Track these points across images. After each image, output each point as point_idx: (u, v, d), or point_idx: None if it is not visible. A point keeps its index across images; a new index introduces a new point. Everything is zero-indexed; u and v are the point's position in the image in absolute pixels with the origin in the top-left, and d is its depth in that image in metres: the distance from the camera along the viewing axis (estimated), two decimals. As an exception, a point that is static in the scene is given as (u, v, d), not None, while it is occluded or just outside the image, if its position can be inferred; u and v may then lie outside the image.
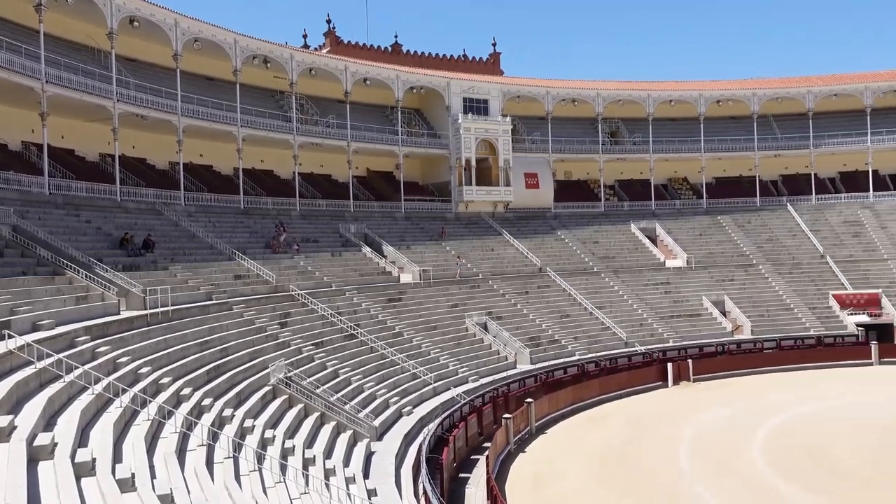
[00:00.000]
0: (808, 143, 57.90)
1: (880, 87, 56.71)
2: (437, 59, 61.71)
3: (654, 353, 41.29)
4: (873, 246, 53.22)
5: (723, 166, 59.75)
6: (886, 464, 24.45)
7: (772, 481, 22.94)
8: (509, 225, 51.53)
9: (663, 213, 56.62)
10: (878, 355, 43.09)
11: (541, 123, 55.39)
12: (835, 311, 47.83)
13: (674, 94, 57.96)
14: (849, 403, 33.33)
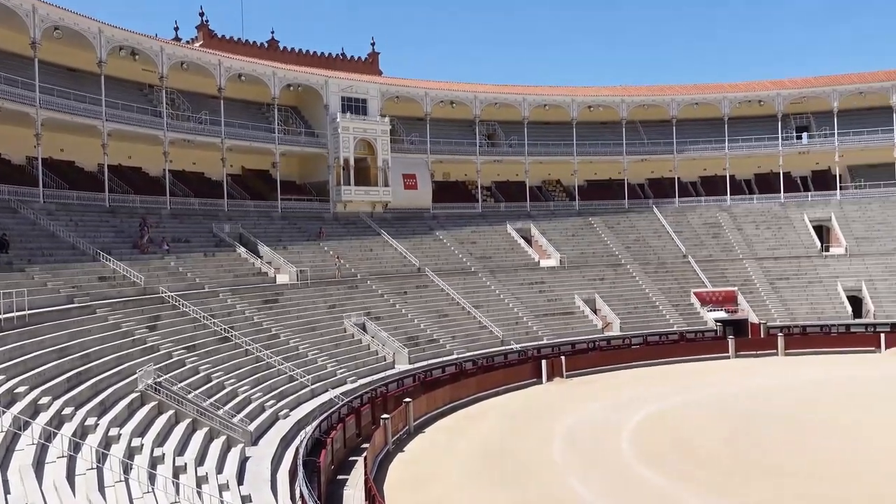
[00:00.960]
0: (672, 149, 60.98)
1: (737, 98, 60.43)
2: (315, 57, 60.90)
3: (530, 350, 42.39)
4: (730, 246, 56.67)
5: (594, 169, 62.02)
6: (743, 451, 26.07)
7: (638, 471, 24.00)
8: (388, 225, 51.53)
9: (538, 215, 58.17)
10: (735, 349, 45.94)
11: (419, 124, 55.72)
12: (696, 308, 50.59)
13: (548, 99, 59.66)
14: (709, 395, 35.35)
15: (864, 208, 57.77)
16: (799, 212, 58.73)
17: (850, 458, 24.78)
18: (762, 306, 50.82)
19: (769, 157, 61.09)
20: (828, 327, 48.83)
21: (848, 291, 51.38)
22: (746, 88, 61.57)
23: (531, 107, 58.39)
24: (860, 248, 54.83)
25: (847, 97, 58.56)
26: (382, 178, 51.83)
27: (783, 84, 61.09)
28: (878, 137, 58.43)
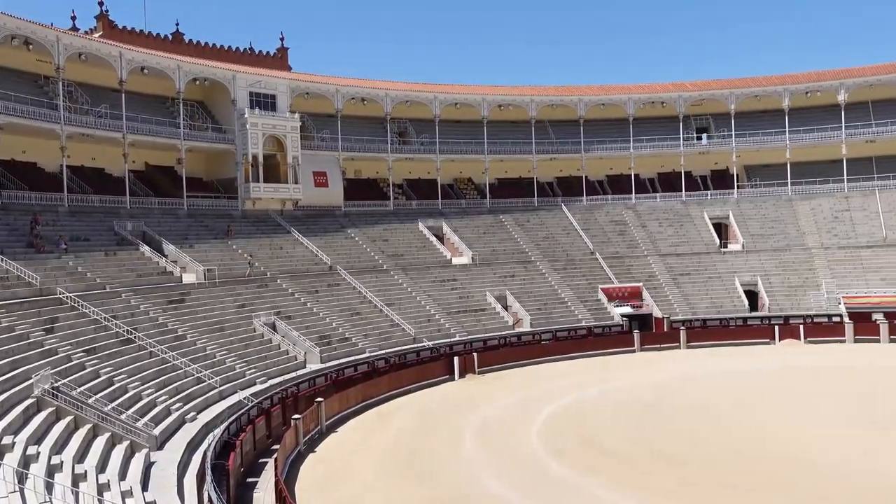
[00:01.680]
0: (580, 148, 62.41)
1: (641, 99, 62.33)
2: (222, 51, 59.51)
3: (442, 347, 42.62)
4: (635, 243, 58.43)
5: (504, 168, 62.86)
6: (647, 442, 26.92)
7: (548, 464, 24.47)
8: (299, 223, 50.84)
9: (450, 212, 58.53)
10: (640, 343, 47.43)
11: (330, 121, 55.20)
12: (603, 304, 51.93)
13: (459, 98, 60.09)
14: (616, 388, 36.37)
15: (760, 206, 60.54)
16: (699, 210, 61.06)
17: (746, 445, 25.92)
18: (665, 301, 52.61)
19: (671, 156, 63.28)
20: (726, 320, 50.99)
21: (745, 286, 53.77)
22: (650, 90, 63.60)
23: (442, 105, 58.68)
24: (756, 244, 57.46)
25: (743, 100, 61.24)
26: (292, 176, 51.09)
27: (684, 86, 63.37)
28: (771, 139, 61.34)
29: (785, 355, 44.18)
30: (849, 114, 59.14)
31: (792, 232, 57.97)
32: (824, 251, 55.58)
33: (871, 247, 54.87)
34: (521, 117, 61.81)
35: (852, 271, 53.48)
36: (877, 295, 50.70)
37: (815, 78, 61.15)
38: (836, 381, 36.27)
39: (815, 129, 60.56)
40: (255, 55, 62.42)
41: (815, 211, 58.91)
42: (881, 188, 58.28)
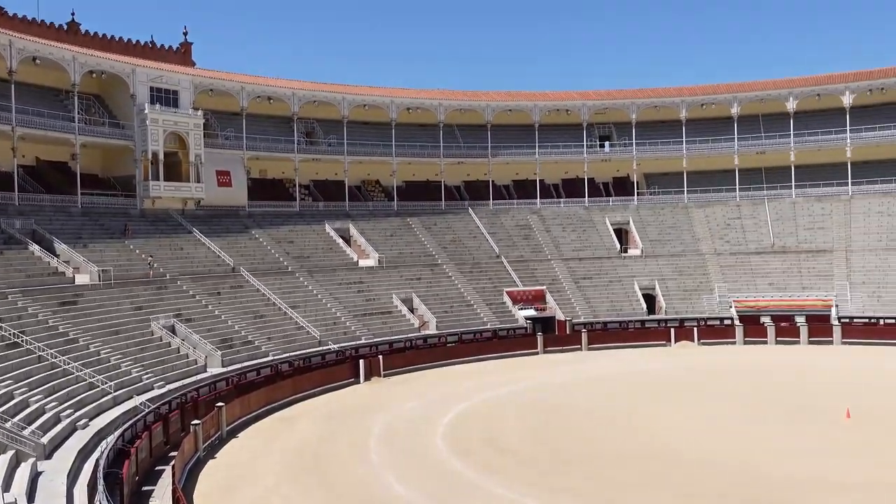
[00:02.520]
0: (487, 153, 63.20)
1: (546, 106, 63.65)
2: (122, 44, 57.38)
3: (348, 350, 42.33)
4: (540, 247, 59.59)
5: (412, 171, 62.99)
6: (548, 441, 27.51)
7: (452, 465, 24.66)
8: (201, 223, 49.49)
9: (357, 214, 58.20)
10: (543, 345, 48.40)
11: (235, 119, 54.05)
12: (508, 307, 52.72)
13: (367, 99, 59.87)
14: (519, 389, 36.98)
15: (658, 213, 62.76)
16: (601, 215, 62.80)
17: (641, 444, 26.82)
18: (568, 304, 53.84)
19: (575, 163, 64.84)
20: (625, 323, 52.64)
21: (643, 290, 55.62)
22: (555, 98, 65.01)
23: (351, 106, 58.35)
24: (654, 249, 59.53)
25: (644, 110, 63.39)
26: (195, 174, 49.71)
27: (588, 95, 65.06)
28: (670, 148, 63.69)
29: (680, 356, 45.95)
30: (741, 126, 62.04)
31: (687, 238, 60.35)
32: (717, 257, 58.11)
33: (759, 253, 57.72)
34: (430, 121, 62.09)
35: (742, 276, 56.11)
36: (765, 299, 53.37)
37: (711, 91, 63.88)
38: (726, 381, 37.95)
39: (710, 139, 63.26)
40: (157, 49, 60.46)
41: (709, 218, 61.51)
42: (770, 197, 61.36)
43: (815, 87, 60.59)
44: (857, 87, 58.90)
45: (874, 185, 59.02)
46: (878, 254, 54.58)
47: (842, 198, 59.50)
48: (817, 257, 56.05)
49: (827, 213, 59.03)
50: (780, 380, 37.96)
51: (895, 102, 58.17)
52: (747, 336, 50.20)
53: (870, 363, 41.66)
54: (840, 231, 57.34)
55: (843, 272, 54.10)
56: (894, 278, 52.32)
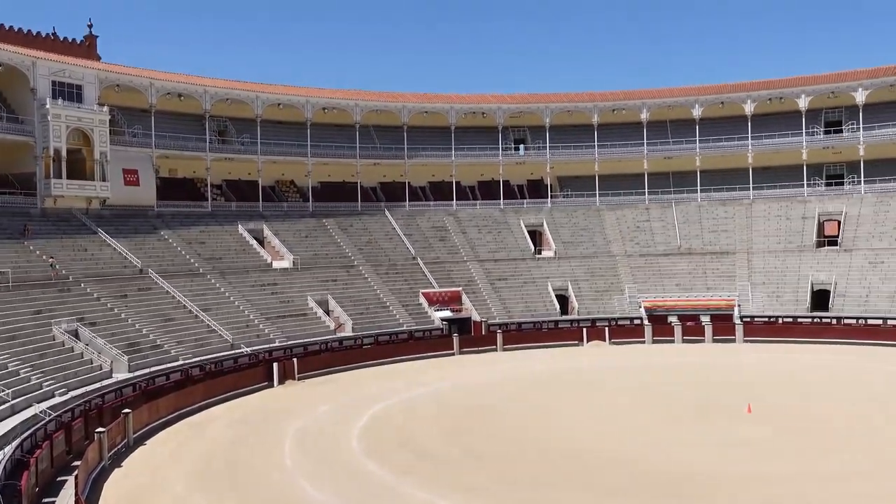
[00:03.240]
0: (404, 155, 63.21)
1: (463, 109, 64.19)
2: (20, 35, 54.62)
3: (261, 353, 41.59)
4: (456, 249, 59.98)
5: (328, 171, 62.43)
6: (462, 441, 27.70)
7: (367, 467, 24.54)
8: (106, 223, 47.74)
9: (271, 215, 57.27)
10: (459, 346, 48.71)
11: (144, 116, 52.42)
12: (424, 308, 52.84)
13: (283, 98, 59.03)
14: (435, 390, 37.13)
15: (571, 215, 64.09)
16: (516, 217, 63.69)
17: (554, 442, 27.33)
18: (484, 305, 54.37)
19: (491, 166, 65.59)
20: (539, 323, 53.53)
21: (556, 291, 56.68)
22: (471, 101, 65.60)
23: (265, 105, 57.40)
24: (567, 251, 60.75)
25: (557, 114, 64.66)
26: (100, 173, 47.90)
27: (504, 99, 65.92)
28: (582, 152, 65.13)
29: (592, 356, 47.02)
30: (650, 132, 63.99)
31: (599, 240, 61.84)
32: (627, 258, 59.75)
33: (667, 255, 59.65)
34: (346, 121, 61.69)
35: (651, 277, 57.87)
36: (672, 299, 55.18)
37: (622, 97, 65.66)
38: (636, 380, 39.06)
39: (621, 144, 65.00)
40: (59, 42, 57.86)
41: (619, 221, 63.19)
42: (677, 201, 63.49)
43: (720, 96, 63.09)
44: (758, 95, 61.61)
45: (773, 189, 61.85)
46: (777, 255, 57.22)
47: (744, 202, 62.09)
48: (721, 259, 58.32)
49: (730, 217, 61.50)
50: (686, 377, 39.29)
51: (793, 111, 60.98)
52: (656, 335, 51.80)
53: (770, 360, 43.59)
54: (742, 234, 59.84)
55: (744, 273, 56.48)
56: (792, 279, 54.93)
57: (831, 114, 63.02)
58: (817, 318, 51.25)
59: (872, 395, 33.90)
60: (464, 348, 48.86)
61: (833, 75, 61.36)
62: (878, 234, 55.69)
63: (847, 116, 61.71)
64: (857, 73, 60.18)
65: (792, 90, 60.91)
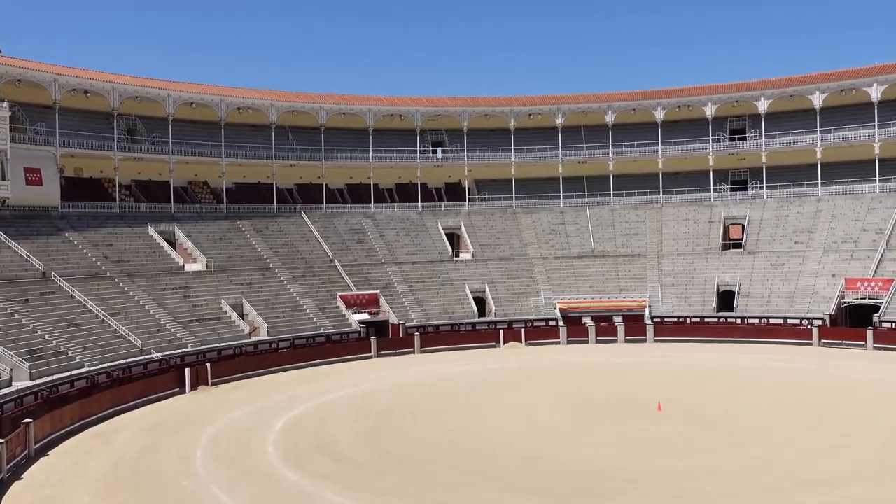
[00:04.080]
0: (321, 156, 62.61)
1: (381, 111, 64.02)
2: (-88, 25, 51.75)
3: (172, 359, 40.43)
4: (374, 251, 59.74)
5: (243, 172, 61.26)
6: (380, 445, 27.58)
7: (284, 473, 24.15)
8: (6, 224, 45.51)
9: (183, 217, 55.77)
10: (377, 349, 48.57)
11: (47, 113, 50.23)
12: (341, 311, 52.42)
13: (195, 97, 57.59)
14: (353, 394, 36.88)
15: (488, 218, 64.74)
16: (434, 220, 63.92)
17: (472, 443, 27.52)
18: (401, 308, 54.31)
19: (409, 168, 65.65)
20: (457, 326, 53.88)
21: (474, 293, 57.11)
22: (389, 103, 65.49)
23: (177, 104, 55.87)
24: (484, 254, 61.32)
25: (475, 118, 65.26)
26: None
27: (421, 101, 66.07)
28: (499, 156, 65.93)
29: (508, 357, 47.60)
30: (565, 136, 65.25)
31: (516, 243, 62.67)
32: (543, 261, 60.74)
33: (581, 257, 60.93)
34: (262, 121, 60.69)
35: (566, 279, 59.00)
36: (586, 301, 56.38)
37: (538, 102, 66.74)
38: (551, 380, 39.73)
39: (537, 148, 66.08)
40: (-45, 33, 55.05)
41: (535, 224, 64.19)
42: (591, 205, 64.94)
43: (632, 102, 64.86)
44: (668, 103, 63.63)
45: (682, 194, 63.97)
46: (685, 258, 59.20)
47: (654, 206, 64.01)
48: (633, 261, 59.94)
49: (641, 220, 63.29)
50: (599, 377, 40.20)
51: (700, 119, 63.21)
52: (570, 336, 52.85)
53: (678, 359, 45.03)
54: (653, 237, 61.66)
55: (655, 275, 58.21)
56: (699, 280, 56.91)
57: (736, 122, 65.67)
58: (723, 318, 53.28)
59: (775, 391, 35.44)
60: (381, 351, 48.72)
61: (738, 85, 63.94)
62: (779, 238, 58.30)
63: (751, 124, 64.41)
64: (761, 83, 62.89)
65: (699, 98, 63.17)
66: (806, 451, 25.33)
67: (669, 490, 21.58)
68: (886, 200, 56.67)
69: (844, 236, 55.90)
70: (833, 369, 40.49)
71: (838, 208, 58.13)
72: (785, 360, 43.44)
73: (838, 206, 58.23)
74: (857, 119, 59.60)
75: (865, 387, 35.88)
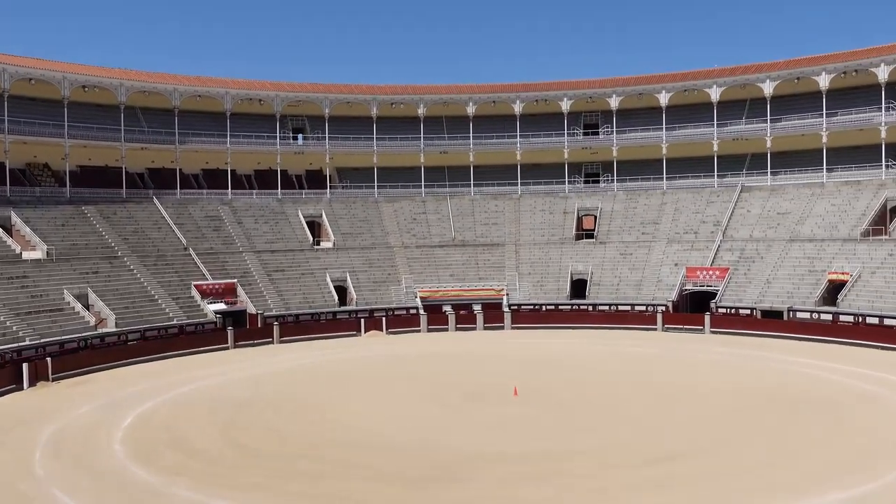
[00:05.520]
0: (175, 140, 60.00)
1: (239, 94, 62.04)
2: None
3: (7, 354, 37.60)
4: (231, 239, 57.96)
5: (88, 154, 57.79)
6: (236, 438, 26.83)
7: (132, 471, 23.03)
8: None
9: (21, 201, 51.90)
10: (234, 339, 47.26)
11: None
12: (196, 301, 50.55)
13: (35, 73, 53.63)
14: (208, 386, 35.72)
15: (350, 207, 64.31)
16: (294, 208, 62.78)
17: (335, 433, 27.31)
18: (260, 297, 53.04)
19: (269, 154, 64.17)
20: (318, 315, 53.23)
21: (335, 282, 56.61)
22: (248, 87, 63.57)
23: (13, 79, 51.95)
24: (346, 242, 60.89)
25: (337, 105, 64.55)
26: None
27: (282, 86, 64.57)
28: (361, 144, 65.57)
29: (369, 346, 47.58)
30: (427, 126, 65.76)
31: (377, 231, 62.62)
32: (405, 249, 61.04)
33: (442, 246, 61.71)
34: (110, 101, 57.43)
35: (427, 268, 59.58)
36: (446, 289, 57.16)
37: (400, 91, 66.79)
38: (411, 368, 40.06)
39: (399, 137, 66.20)
40: None
41: (397, 213, 64.37)
42: (452, 194, 65.85)
43: (492, 95, 66.17)
44: (526, 97, 65.39)
45: (539, 185, 66.06)
46: (541, 247, 61.19)
47: (513, 196, 65.73)
48: (492, 250, 61.33)
49: (500, 211, 64.82)
50: (458, 364, 40.90)
51: (556, 113, 65.40)
52: (431, 324, 53.45)
53: (534, 345, 46.52)
54: (511, 227, 63.31)
55: (512, 264, 59.82)
56: (554, 269, 58.99)
57: (589, 117, 68.47)
58: (576, 306, 55.52)
59: (624, 374, 37.29)
60: (239, 342, 47.45)
61: (592, 82, 66.57)
62: (628, 229, 61.36)
63: (603, 120, 67.35)
64: (613, 80, 65.79)
65: (556, 94, 65.31)
66: (652, 429, 26.84)
67: (525, 471, 22.29)
68: (724, 195, 60.85)
69: (686, 228, 59.58)
70: (675, 352, 43.10)
71: (681, 201, 61.86)
72: (632, 345, 45.82)
73: (681, 200, 61.97)
74: (699, 118, 63.58)
75: (704, 368, 38.46)
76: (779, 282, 51.21)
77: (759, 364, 38.75)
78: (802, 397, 31.08)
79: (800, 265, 51.68)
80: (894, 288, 45.69)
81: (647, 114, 65.34)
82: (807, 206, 56.58)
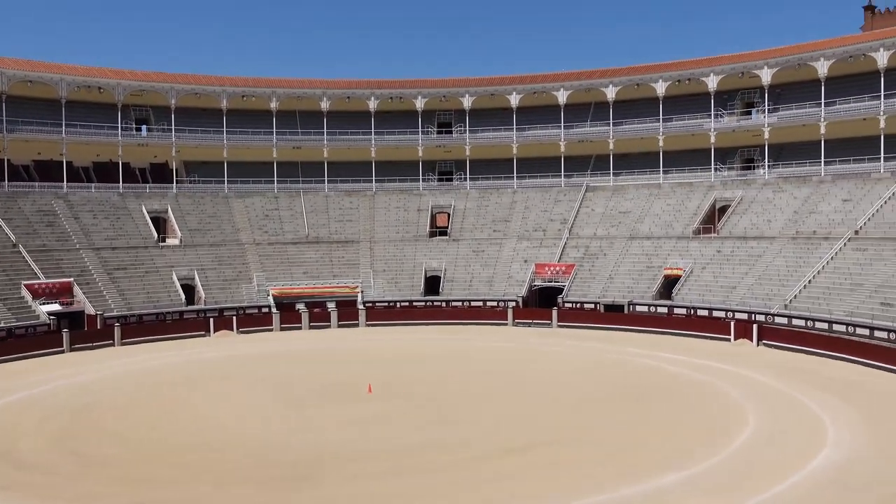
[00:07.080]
0: (2, 128, 55.61)
1: (76, 81, 58.20)
2: None
3: None
4: (67, 236, 54.33)
5: None
6: (75, 446, 25.23)
7: (-47, 488, 21.15)
8: None
9: None
10: (70, 342, 44.38)
11: None
12: (28, 302, 47.04)
13: None
14: (41, 393, 33.37)
15: (198, 202, 61.90)
16: (137, 203, 59.71)
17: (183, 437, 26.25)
18: (99, 297, 50.08)
19: (109, 146, 60.69)
20: (163, 315, 50.94)
21: (182, 280, 54.35)
22: (86, 73, 59.73)
23: None
24: (194, 239, 58.57)
25: (184, 96, 61.93)
26: None
27: (124, 74, 61.19)
28: (210, 137, 63.19)
29: (219, 346, 46.06)
30: (280, 121, 64.39)
31: (228, 228, 60.66)
32: (256, 246, 59.51)
33: (295, 243, 60.66)
34: (-76, 84, 52.41)
35: (280, 265, 58.38)
36: (300, 287, 56.26)
37: (252, 84, 64.94)
38: (263, 368, 39.12)
39: (251, 131, 64.42)
40: None
41: (248, 209, 62.64)
42: (305, 190, 64.85)
43: (347, 90, 65.68)
44: (381, 94, 65.39)
45: (393, 182, 66.28)
46: (396, 244, 61.47)
47: (367, 193, 65.59)
48: (346, 247, 60.93)
49: (355, 207, 64.52)
50: (311, 362, 40.38)
51: (410, 111, 65.83)
52: (284, 322, 52.43)
53: (389, 342, 46.66)
54: (366, 224, 63.16)
55: (367, 261, 59.71)
56: (409, 266, 59.41)
57: (443, 116, 69.37)
58: (430, 302, 56.15)
59: (478, 368, 38.12)
60: (75, 345, 44.58)
61: (446, 81, 67.43)
62: (480, 226, 62.75)
63: (456, 119, 68.47)
64: (466, 80, 66.97)
65: (410, 91, 65.73)
66: (508, 420, 27.60)
67: (382, 467, 22.33)
68: (570, 194, 63.45)
69: (535, 225, 61.67)
70: (526, 346, 44.54)
71: (530, 200, 63.93)
72: (485, 340, 46.90)
73: (531, 198, 64.05)
74: (547, 120, 65.88)
75: (553, 360, 39.96)
76: (620, 277, 54.04)
77: (604, 356, 40.75)
78: (645, 386, 33.00)
79: (639, 261, 54.78)
80: (722, 282, 49.38)
81: (499, 114, 67.00)
82: (645, 205, 60.01)
